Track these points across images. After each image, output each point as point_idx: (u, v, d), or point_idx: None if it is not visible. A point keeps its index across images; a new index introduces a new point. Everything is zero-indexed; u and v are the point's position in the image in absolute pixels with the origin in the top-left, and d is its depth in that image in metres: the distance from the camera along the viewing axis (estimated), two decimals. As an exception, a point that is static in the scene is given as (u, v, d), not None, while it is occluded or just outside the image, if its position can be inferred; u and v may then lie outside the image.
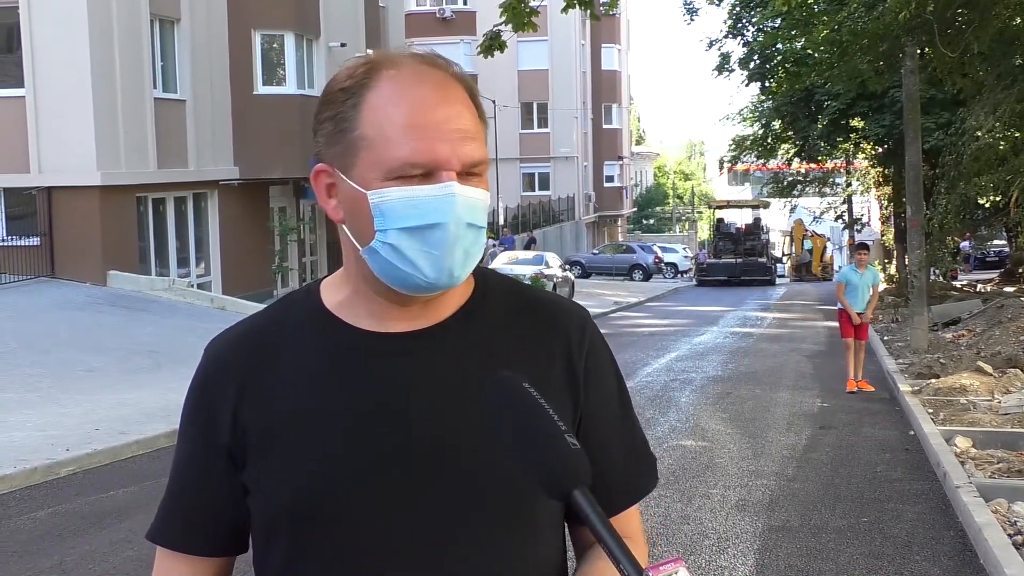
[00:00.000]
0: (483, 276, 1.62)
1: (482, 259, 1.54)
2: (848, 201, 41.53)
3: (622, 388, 1.67)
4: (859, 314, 14.04)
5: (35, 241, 20.55)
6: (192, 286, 22.82)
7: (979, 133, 19.32)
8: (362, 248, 1.47)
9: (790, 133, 34.03)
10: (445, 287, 1.47)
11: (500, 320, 1.58)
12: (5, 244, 20.47)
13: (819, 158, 36.55)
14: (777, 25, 26.87)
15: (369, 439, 1.48)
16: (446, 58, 1.51)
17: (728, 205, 55.76)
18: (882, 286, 14.14)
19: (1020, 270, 34.05)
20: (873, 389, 13.98)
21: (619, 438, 1.63)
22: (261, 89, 25.24)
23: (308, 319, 1.57)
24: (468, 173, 1.44)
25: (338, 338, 1.53)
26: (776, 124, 34.18)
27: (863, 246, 15.21)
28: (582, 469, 1.29)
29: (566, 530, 1.63)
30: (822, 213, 42.79)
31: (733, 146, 36.23)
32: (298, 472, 1.48)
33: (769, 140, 34.97)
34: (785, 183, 40.27)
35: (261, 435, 1.51)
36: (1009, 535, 6.89)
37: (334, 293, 1.58)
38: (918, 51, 18.81)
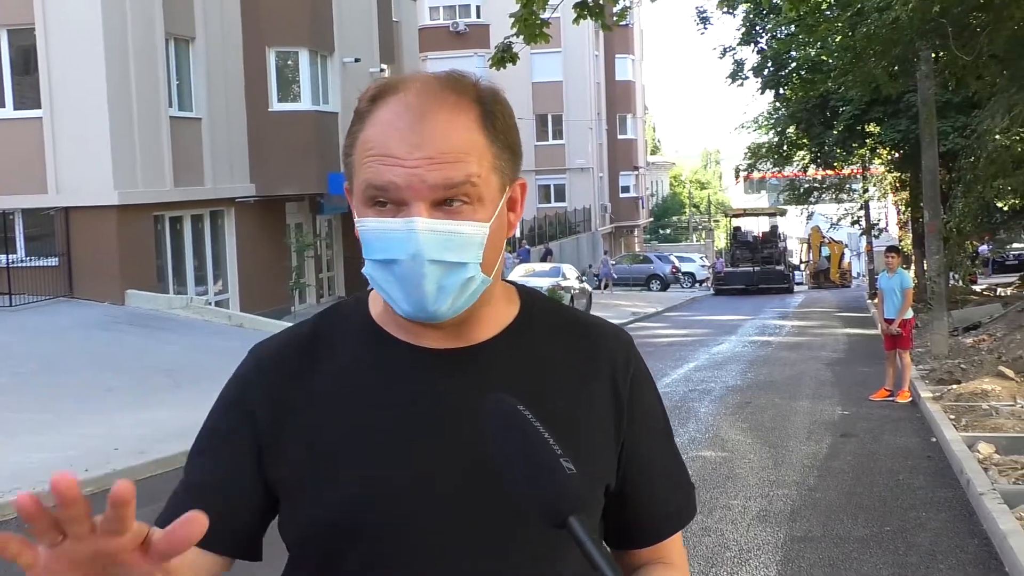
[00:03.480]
0: (529, 297, 1.61)
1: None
2: (865, 207, 41.36)
3: (665, 416, 1.66)
4: (888, 321, 13.88)
5: (53, 261, 20.65)
6: (210, 304, 22.89)
7: (997, 136, 19.23)
8: None
9: (805, 140, 33.97)
10: (429, 320, 1.44)
11: (546, 343, 1.56)
12: (24, 265, 20.56)
13: (835, 164, 36.45)
14: (791, 32, 26.87)
15: (408, 457, 1.46)
16: (468, 78, 1.47)
17: (745, 213, 55.65)
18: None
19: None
20: (893, 399, 13.78)
21: (661, 467, 1.62)
22: (276, 106, 25.34)
23: (355, 327, 1.56)
24: (451, 200, 1.40)
25: (379, 349, 1.52)
26: (791, 131, 34.12)
27: (891, 249, 15.04)
28: (577, 495, 1.25)
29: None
30: (839, 219, 42.66)
31: (749, 154, 36.18)
32: (334, 487, 1.46)
33: (785, 147, 34.92)
34: (801, 190, 40.17)
35: (300, 445, 1.49)
36: (1034, 542, 6.82)
37: (378, 301, 1.56)
38: (933, 55, 18.75)
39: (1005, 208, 30.67)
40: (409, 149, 1.39)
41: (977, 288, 33.59)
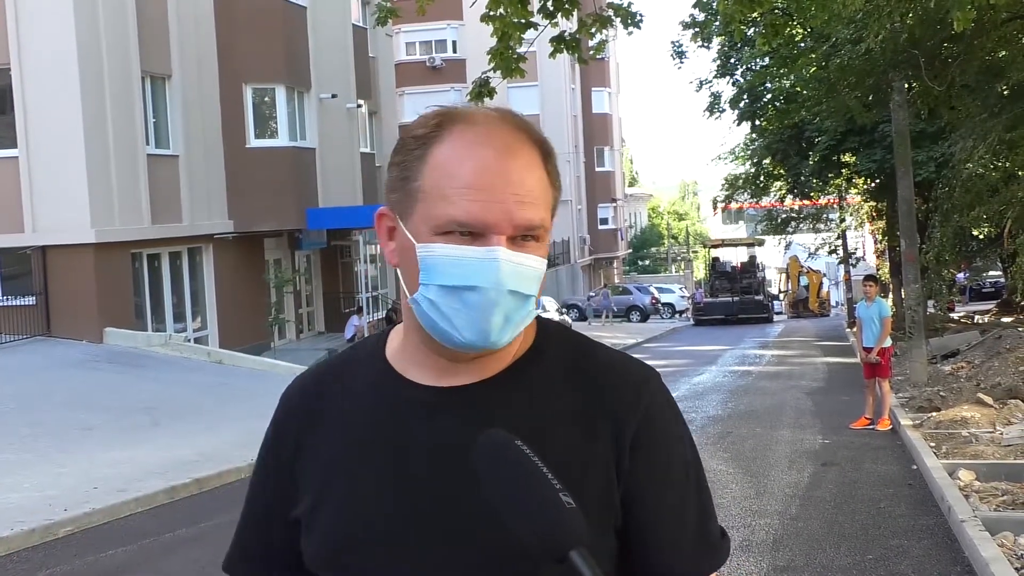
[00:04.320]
0: (544, 330, 1.58)
1: None
2: (842, 236, 41.62)
3: (686, 461, 1.57)
4: (867, 350, 13.93)
5: (30, 300, 20.53)
6: (189, 341, 22.77)
7: (969, 165, 19.41)
8: (409, 297, 1.47)
9: (782, 170, 34.19)
10: (483, 349, 1.45)
11: (550, 380, 1.53)
12: (0, 304, 20.44)
13: (812, 194, 36.70)
14: (765, 64, 27.10)
15: (396, 497, 1.46)
16: (525, 119, 1.50)
17: (723, 244, 55.91)
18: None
19: (1017, 300, 34.10)
20: (874, 427, 13.81)
21: (675, 513, 1.52)
22: (253, 142, 25.35)
23: (368, 364, 1.58)
24: (524, 236, 1.42)
25: (386, 387, 1.54)
26: (768, 162, 34.34)
27: (869, 277, 15.11)
28: (578, 529, 1.26)
29: None
30: (817, 249, 42.90)
31: (726, 185, 36.39)
32: (329, 522, 1.50)
33: (761, 178, 35.14)
34: (779, 220, 40.41)
35: (309, 480, 1.54)
36: (1016, 568, 6.83)
37: (395, 339, 1.58)
38: (905, 85, 18.94)
39: (981, 236, 30.91)
40: (500, 184, 1.41)
41: (955, 316, 33.75)
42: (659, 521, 1.51)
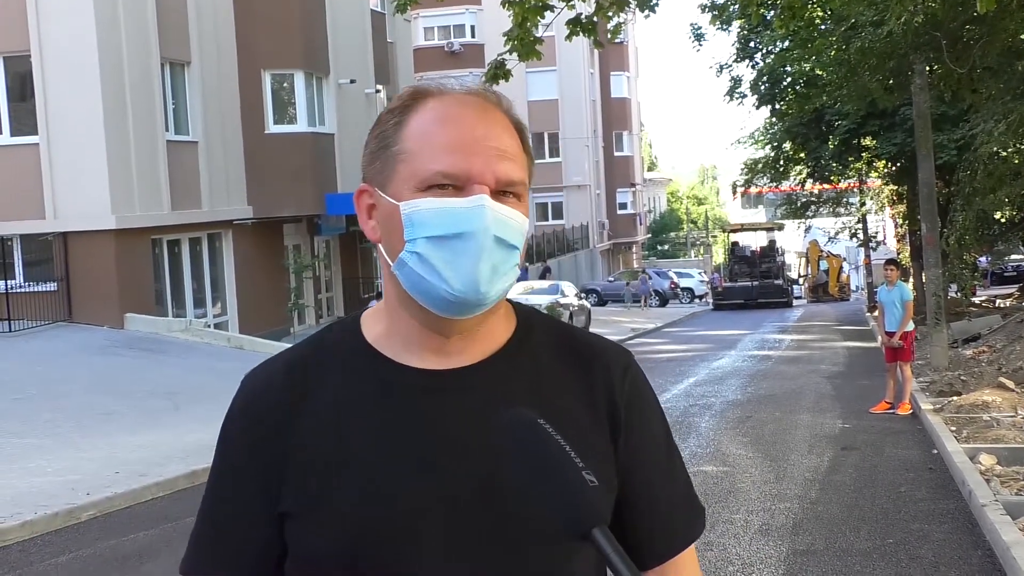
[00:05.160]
0: (525, 314, 1.61)
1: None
2: (863, 220, 41.42)
3: (667, 432, 1.64)
4: (889, 334, 13.88)
5: (52, 286, 20.64)
6: (209, 326, 22.86)
7: (994, 148, 19.25)
8: (392, 264, 1.46)
9: (802, 154, 34.03)
10: (473, 304, 1.44)
11: (543, 360, 1.55)
12: (23, 290, 20.56)
13: (832, 178, 36.53)
14: (784, 47, 26.94)
15: (413, 482, 1.44)
16: (496, 92, 1.54)
17: (742, 228, 55.81)
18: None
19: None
20: (894, 412, 13.77)
21: (663, 484, 1.59)
22: (272, 128, 25.39)
23: (349, 352, 1.54)
24: (504, 192, 1.45)
25: (379, 374, 1.51)
26: (787, 146, 34.18)
27: (890, 262, 15.03)
28: (600, 507, 1.28)
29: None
30: (837, 233, 42.71)
31: (745, 169, 36.26)
32: (341, 515, 1.44)
33: (781, 162, 34.98)
34: (799, 204, 40.25)
35: (304, 472, 1.47)
36: (1037, 552, 6.80)
37: (374, 325, 1.56)
38: (927, 68, 18.80)
39: (1002, 220, 30.70)
40: (480, 138, 1.45)
41: (976, 300, 33.59)
42: (656, 492, 1.58)
